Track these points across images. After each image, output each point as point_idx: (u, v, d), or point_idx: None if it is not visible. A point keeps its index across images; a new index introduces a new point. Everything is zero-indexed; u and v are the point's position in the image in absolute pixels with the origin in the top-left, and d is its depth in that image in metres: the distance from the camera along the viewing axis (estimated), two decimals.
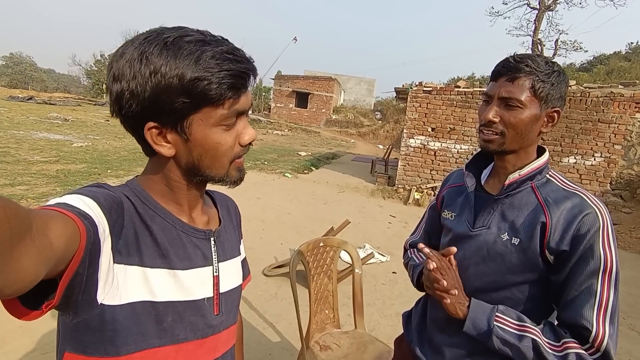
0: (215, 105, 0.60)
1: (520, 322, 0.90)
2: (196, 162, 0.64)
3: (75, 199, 0.53)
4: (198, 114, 0.60)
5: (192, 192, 0.70)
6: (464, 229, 1.06)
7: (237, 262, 0.83)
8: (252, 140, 0.67)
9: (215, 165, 0.65)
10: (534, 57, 0.94)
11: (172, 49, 0.57)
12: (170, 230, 0.67)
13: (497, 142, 0.97)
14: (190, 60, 0.57)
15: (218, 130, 0.62)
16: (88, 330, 0.58)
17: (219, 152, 0.64)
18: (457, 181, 1.19)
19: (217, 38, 0.61)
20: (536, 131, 0.97)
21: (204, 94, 0.58)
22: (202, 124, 0.61)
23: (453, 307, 0.96)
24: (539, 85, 0.92)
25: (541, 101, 0.93)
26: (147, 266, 0.62)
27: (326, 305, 2.16)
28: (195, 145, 0.63)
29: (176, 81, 0.57)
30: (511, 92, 0.93)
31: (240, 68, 0.59)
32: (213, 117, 0.61)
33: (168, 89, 0.57)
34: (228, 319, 0.76)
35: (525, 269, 0.94)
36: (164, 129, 0.61)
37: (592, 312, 0.84)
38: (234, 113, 0.62)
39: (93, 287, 0.54)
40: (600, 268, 0.86)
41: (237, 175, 0.68)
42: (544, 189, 0.96)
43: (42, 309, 0.49)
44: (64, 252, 0.45)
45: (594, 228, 0.87)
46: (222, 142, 0.63)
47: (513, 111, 0.94)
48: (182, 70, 0.57)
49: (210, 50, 0.58)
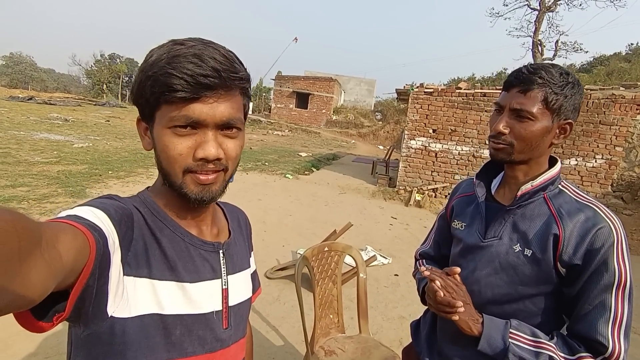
0: (169, 105, 0.59)
1: (534, 338, 0.89)
2: (159, 165, 0.65)
3: (86, 211, 0.54)
4: (159, 112, 0.61)
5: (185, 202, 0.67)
6: (474, 240, 1.05)
7: (247, 275, 0.83)
8: (207, 158, 0.61)
9: (169, 171, 0.63)
10: (548, 67, 0.92)
11: (160, 49, 0.60)
12: (178, 243, 0.67)
13: (505, 152, 0.97)
14: (161, 59, 0.59)
15: (168, 133, 0.61)
16: (98, 343, 0.58)
17: (168, 157, 0.62)
18: (466, 190, 1.18)
19: (206, 43, 0.61)
20: (547, 143, 0.96)
21: (154, 90, 0.59)
22: (159, 122, 0.62)
23: (466, 324, 0.94)
24: (552, 97, 0.90)
25: (553, 113, 0.92)
26: (155, 279, 0.62)
27: (331, 310, 2.16)
28: (155, 144, 0.64)
29: (143, 76, 0.60)
30: (523, 104, 0.92)
31: (196, 71, 0.57)
32: (165, 117, 0.60)
33: (140, 82, 0.61)
34: (237, 332, 0.76)
35: (539, 281, 0.93)
36: (144, 123, 0.65)
37: (607, 328, 0.84)
38: (185, 118, 0.59)
39: (103, 299, 0.54)
40: (614, 282, 0.85)
41: (197, 191, 0.63)
42: (557, 200, 0.95)
43: (53, 321, 0.49)
44: (73, 265, 0.45)
45: (608, 242, 0.86)
46: (170, 147, 0.61)
47: (524, 123, 0.93)
48: (150, 67, 0.59)
49: (181, 51, 0.58)
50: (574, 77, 0.94)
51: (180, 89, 0.57)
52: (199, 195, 0.64)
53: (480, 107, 7.73)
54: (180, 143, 0.61)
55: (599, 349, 0.84)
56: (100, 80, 39.95)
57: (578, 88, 0.93)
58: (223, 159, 0.63)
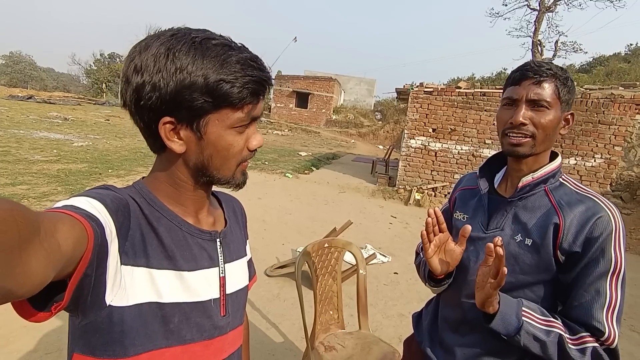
0: (234, 108, 0.62)
1: (545, 317, 0.91)
2: (206, 162, 0.65)
3: (82, 201, 0.54)
4: (216, 114, 0.62)
5: (198, 193, 0.71)
6: (477, 231, 1.06)
7: (244, 262, 0.84)
8: (259, 146, 0.70)
9: (224, 166, 0.67)
10: (549, 63, 0.97)
11: (199, 49, 0.59)
12: (176, 232, 0.68)
13: (528, 145, 0.96)
14: (216, 62, 0.59)
15: (232, 133, 0.64)
16: (97, 332, 0.58)
17: (230, 154, 0.65)
18: (469, 184, 1.19)
19: (240, 45, 0.64)
20: (557, 133, 0.99)
21: (226, 96, 0.60)
22: (218, 124, 0.63)
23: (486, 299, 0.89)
24: (561, 88, 0.94)
25: (562, 104, 0.96)
26: (153, 267, 0.63)
27: (330, 306, 2.17)
28: (208, 144, 0.64)
29: (201, 80, 0.59)
30: (540, 94, 0.94)
31: (262, 76, 0.63)
32: (230, 119, 0.63)
33: (192, 86, 0.58)
34: (235, 320, 0.77)
35: (539, 269, 0.95)
36: (178, 125, 0.62)
37: (602, 313, 0.87)
38: (250, 118, 0.65)
39: (101, 289, 0.55)
40: (610, 269, 0.88)
41: (241, 179, 0.70)
42: (557, 192, 0.98)
43: (51, 310, 0.50)
44: (71, 254, 0.45)
45: (607, 231, 0.88)
46: (235, 145, 0.65)
47: (542, 112, 0.94)
48: (207, 70, 0.59)
49: (235, 56, 0.60)
50: (569, 73, 0.99)
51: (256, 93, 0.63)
52: (242, 181, 0.72)
53: (480, 106, 7.75)
54: (241, 139, 0.66)
55: (596, 333, 0.87)
56: (99, 80, 39.91)
57: (574, 83, 0.99)
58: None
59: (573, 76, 11.00)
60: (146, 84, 0.59)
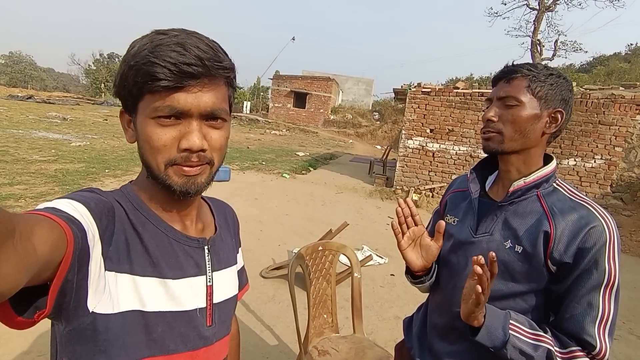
0: (151, 95, 0.58)
1: (533, 331, 0.89)
2: (142, 157, 0.63)
3: (65, 204, 0.53)
4: (142, 102, 0.60)
5: (169, 196, 0.65)
6: (466, 235, 1.04)
7: (233, 271, 0.81)
8: (189, 148, 0.59)
9: (152, 163, 0.61)
10: (532, 63, 0.96)
11: (142, 39, 0.60)
12: (161, 238, 0.65)
13: (496, 140, 0.97)
14: (144, 49, 0.57)
15: (152, 123, 0.59)
16: (81, 340, 0.57)
17: (151, 148, 0.60)
18: (461, 186, 1.17)
19: (189, 33, 0.60)
20: (538, 132, 0.95)
21: (136, 80, 0.58)
22: (142, 113, 0.60)
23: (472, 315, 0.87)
24: (535, 84, 0.93)
25: (540, 100, 0.93)
26: (137, 274, 0.61)
27: (325, 310, 2.15)
28: (138, 136, 0.62)
29: (126, 67, 0.59)
30: (508, 92, 0.95)
31: (180, 60, 0.56)
32: (148, 107, 0.59)
33: (122, 73, 0.60)
34: (221, 330, 0.74)
35: (529, 278, 0.92)
36: (127, 116, 0.64)
37: (594, 327, 0.84)
38: (169, 108, 0.58)
39: (83, 294, 0.53)
40: (603, 282, 0.85)
41: (181, 183, 0.62)
42: (550, 198, 0.95)
43: (34, 318, 0.49)
44: (48, 258, 0.44)
45: (600, 242, 0.85)
46: (154, 138, 0.59)
47: (511, 109, 0.95)
48: (132, 57, 0.58)
49: (164, 40, 0.57)
50: (559, 72, 0.97)
51: (163, 78, 0.56)
52: (184, 187, 0.62)
53: (477, 107, 7.73)
54: (165, 134, 0.59)
55: (586, 347, 0.85)
56: (98, 80, 39.97)
57: (564, 80, 0.95)
58: (207, 150, 0.62)
59: (573, 76, 10.92)
60: (114, 80, 0.64)
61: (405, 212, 1.02)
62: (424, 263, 1.04)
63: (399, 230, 1.03)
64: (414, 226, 1.04)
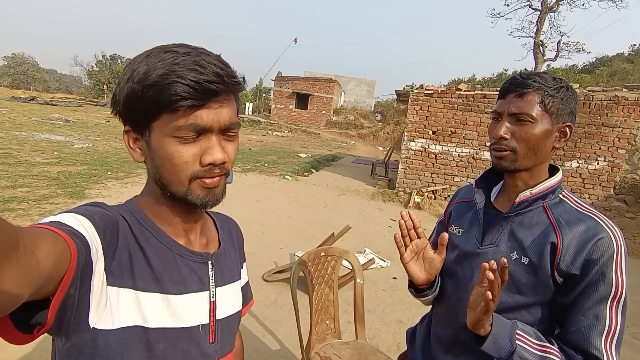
0: (171, 113, 0.58)
1: (540, 342, 0.87)
2: (158, 174, 0.63)
3: (70, 218, 0.52)
4: (158, 121, 0.59)
5: (177, 210, 0.67)
6: (471, 246, 1.03)
7: (237, 287, 0.80)
8: (213, 163, 0.61)
9: (173, 180, 0.62)
10: (541, 74, 0.93)
11: (147, 59, 0.59)
12: (165, 253, 0.65)
13: (509, 159, 0.95)
14: (155, 67, 0.57)
15: (172, 141, 0.59)
16: (80, 356, 0.56)
17: (173, 166, 0.60)
18: (466, 196, 1.16)
19: (197, 49, 0.60)
20: (549, 147, 0.94)
21: (157, 99, 0.57)
22: (159, 132, 0.60)
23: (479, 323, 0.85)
24: (548, 100, 0.90)
25: (552, 116, 0.92)
26: (139, 290, 0.60)
27: (327, 316, 2.14)
28: (154, 154, 0.62)
29: (139, 86, 0.57)
30: (521, 108, 0.92)
31: (202, 78, 0.56)
32: (168, 126, 0.59)
33: (133, 93, 0.58)
34: (224, 347, 0.73)
35: (536, 290, 0.91)
36: (134, 134, 0.63)
37: (601, 340, 0.83)
38: (193, 126, 0.58)
39: (85, 309, 0.53)
40: (610, 294, 0.84)
41: (202, 195, 0.63)
42: (556, 209, 0.94)
43: (34, 333, 0.49)
44: (52, 272, 0.44)
45: (608, 253, 0.84)
46: (176, 155, 0.60)
47: (524, 126, 0.92)
48: (145, 76, 0.57)
49: (178, 59, 0.57)
50: (567, 82, 0.95)
51: (188, 97, 0.56)
52: (205, 200, 0.64)
53: (480, 108, 7.71)
54: (186, 151, 0.60)
55: None
56: (101, 81, 40.13)
57: (572, 92, 0.94)
58: (227, 162, 0.63)
59: (575, 77, 10.84)
60: (114, 95, 0.63)
61: (408, 225, 1.01)
62: (427, 277, 1.03)
63: (401, 243, 1.01)
64: (417, 239, 1.02)
